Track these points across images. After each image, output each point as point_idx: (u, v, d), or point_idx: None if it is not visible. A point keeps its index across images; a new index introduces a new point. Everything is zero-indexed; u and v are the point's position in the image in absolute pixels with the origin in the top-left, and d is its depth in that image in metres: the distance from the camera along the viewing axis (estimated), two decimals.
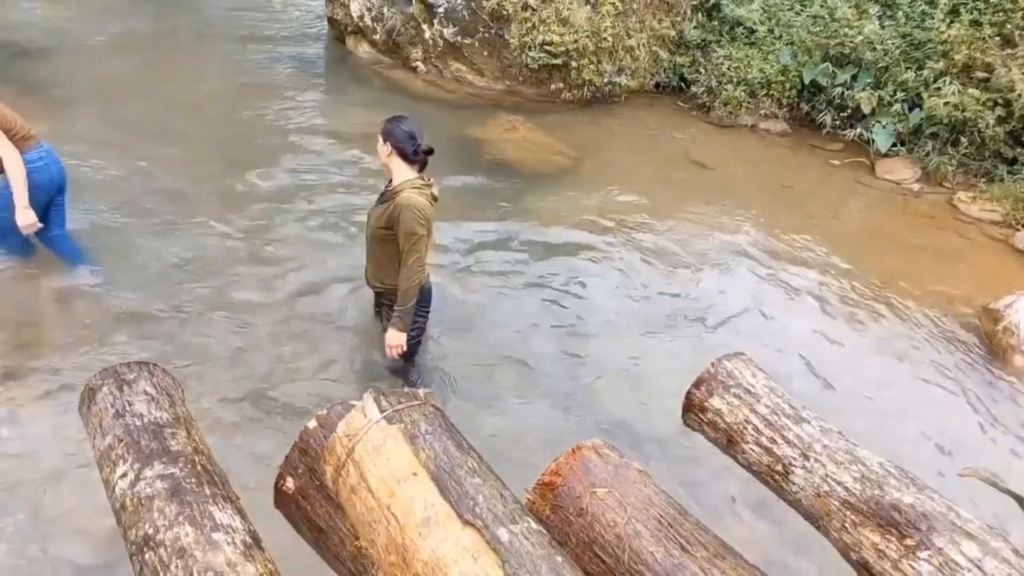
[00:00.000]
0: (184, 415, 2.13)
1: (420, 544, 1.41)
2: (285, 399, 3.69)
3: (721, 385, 2.39)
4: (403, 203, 3.23)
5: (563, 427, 3.67)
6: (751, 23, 7.92)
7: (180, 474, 1.79)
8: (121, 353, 3.76)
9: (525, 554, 1.35)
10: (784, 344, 4.45)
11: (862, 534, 1.69)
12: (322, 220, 5.24)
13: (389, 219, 3.29)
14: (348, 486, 1.61)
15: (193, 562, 1.54)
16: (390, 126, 3.34)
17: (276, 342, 4.04)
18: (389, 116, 3.41)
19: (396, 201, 3.25)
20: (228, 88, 7.44)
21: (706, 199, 6.15)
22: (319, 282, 4.54)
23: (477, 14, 7.60)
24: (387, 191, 3.39)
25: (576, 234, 5.45)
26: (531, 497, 1.89)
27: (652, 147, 7.18)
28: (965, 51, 6.71)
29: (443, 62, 8.03)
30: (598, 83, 7.68)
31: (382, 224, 3.34)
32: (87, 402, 2.18)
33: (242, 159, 5.96)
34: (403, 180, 3.31)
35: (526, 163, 6.51)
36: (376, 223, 3.39)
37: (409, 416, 1.63)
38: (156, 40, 8.44)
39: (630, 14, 7.84)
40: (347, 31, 8.84)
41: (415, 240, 3.25)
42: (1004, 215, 6.27)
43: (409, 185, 3.29)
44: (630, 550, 1.66)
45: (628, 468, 1.88)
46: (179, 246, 4.70)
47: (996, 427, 4.07)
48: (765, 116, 7.67)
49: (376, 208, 3.42)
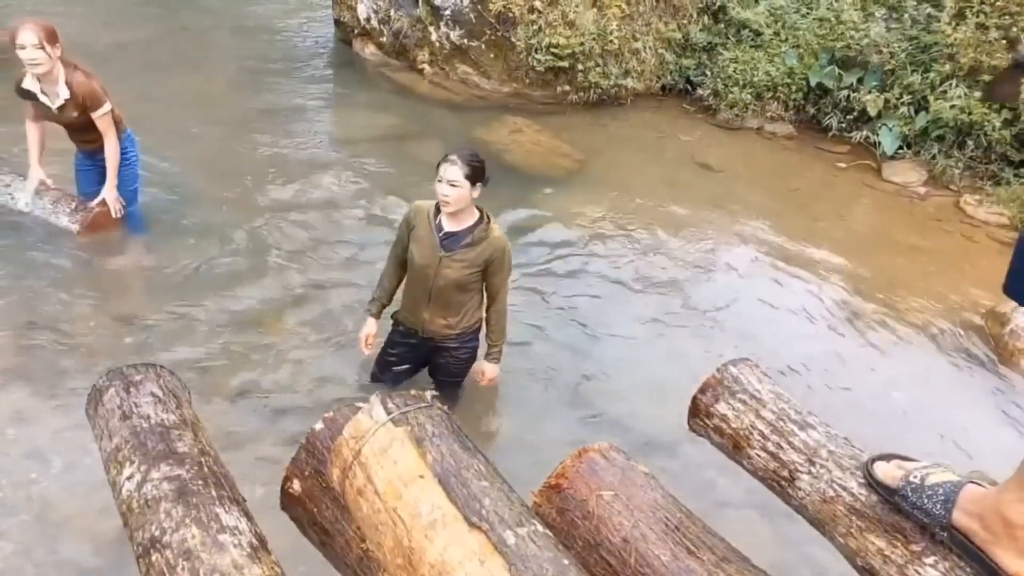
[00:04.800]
0: (191, 417, 2.13)
1: (427, 547, 1.41)
2: (291, 401, 3.70)
3: (727, 390, 2.38)
4: (504, 243, 3.18)
5: (569, 429, 3.67)
6: (757, 25, 7.92)
7: (187, 476, 1.80)
8: (128, 355, 3.77)
9: (532, 557, 1.35)
10: (790, 348, 4.44)
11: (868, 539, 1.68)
12: (329, 225, 5.24)
13: (485, 262, 3.14)
14: (354, 488, 1.61)
15: (199, 564, 1.54)
16: (475, 165, 3.00)
17: (283, 345, 4.04)
18: (456, 154, 3.01)
19: (493, 242, 3.13)
20: (234, 90, 7.46)
21: (712, 201, 6.15)
22: (326, 286, 4.55)
23: (483, 16, 7.60)
24: (465, 233, 3.13)
25: (582, 236, 5.45)
26: (537, 500, 1.88)
27: (658, 149, 7.18)
28: (971, 54, 6.70)
29: (449, 64, 8.04)
30: (604, 85, 7.68)
31: (475, 268, 3.15)
32: (94, 403, 2.19)
33: (248, 162, 5.98)
34: (478, 217, 3.16)
35: (532, 165, 6.51)
36: (465, 269, 3.15)
37: (415, 418, 1.63)
38: (161, 43, 8.47)
39: (636, 17, 7.84)
40: (354, 33, 8.86)
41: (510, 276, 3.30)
42: (1011, 218, 6.26)
43: (493, 222, 3.19)
44: (636, 553, 1.66)
45: (634, 471, 1.88)
46: (183, 249, 4.71)
47: (1004, 431, 4.05)
48: (771, 118, 7.66)
49: (456, 254, 3.13)
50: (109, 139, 4.23)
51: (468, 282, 3.20)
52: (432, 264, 3.16)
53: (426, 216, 3.20)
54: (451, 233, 3.15)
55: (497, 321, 3.34)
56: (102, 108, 4.13)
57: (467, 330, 3.36)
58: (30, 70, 3.94)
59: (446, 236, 3.15)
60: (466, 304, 3.29)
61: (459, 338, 3.38)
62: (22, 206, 4.52)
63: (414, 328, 3.39)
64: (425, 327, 3.34)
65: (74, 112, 4.11)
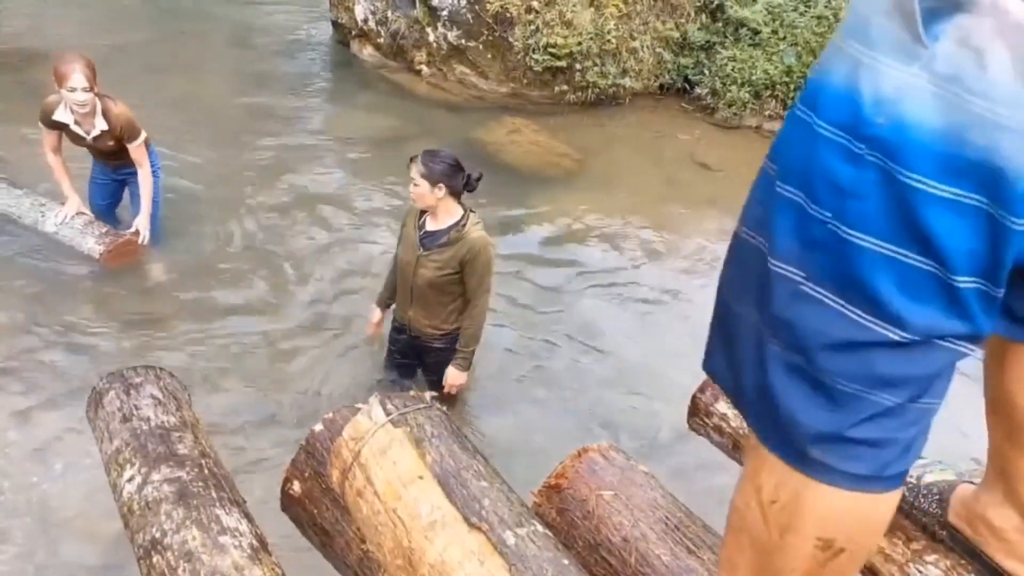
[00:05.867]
0: (191, 419, 2.14)
1: (426, 547, 1.41)
2: (291, 403, 3.70)
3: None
4: (481, 244, 3.10)
5: (568, 429, 3.67)
6: (755, 24, 7.91)
7: (187, 478, 1.80)
8: (128, 356, 3.78)
9: (531, 557, 1.36)
10: None
11: None
12: (328, 226, 5.25)
13: (460, 263, 3.11)
14: (354, 489, 1.61)
15: (200, 565, 1.55)
16: (433, 165, 3.02)
17: (282, 347, 4.05)
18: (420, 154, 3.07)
19: (468, 243, 3.08)
20: (232, 92, 7.46)
21: (711, 200, 6.15)
22: (324, 288, 4.56)
23: (481, 17, 7.60)
24: (443, 232, 3.14)
25: (580, 236, 5.45)
26: (537, 500, 1.89)
27: (656, 149, 7.17)
28: None
29: (447, 65, 8.04)
30: (602, 85, 7.68)
31: (449, 269, 3.13)
32: (94, 406, 2.19)
33: (246, 164, 5.98)
34: (459, 218, 3.14)
35: (530, 165, 6.51)
36: (439, 269, 3.14)
37: (415, 419, 1.63)
38: (160, 44, 8.47)
39: (634, 16, 7.84)
40: (351, 35, 8.86)
41: (489, 279, 3.19)
42: None
43: (472, 222, 3.14)
44: (637, 552, 1.66)
45: (634, 471, 1.88)
46: (184, 251, 4.71)
47: None
48: (770, 117, 7.66)
49: (432, 253, 3.14)
50: (144, 168, 4.19)
51: (444, 283, 3.17)
52: (411, 262, 3.21)
53: (415, 214, 3.24)
54: (431, 232, 3.16)
55: (469, 326, 3.26)
56: (139, 139, 4.10)
57: (455, 332, 3.32)
58: (77, 110, 3.89)
59: (426, 235, 3.17)
60: (448, 306, 3.26)
61: (445, 339, 3.35)
62: (50, 227, 4.38)
63: (404, 325, 3.42)
64: (411, 325, 3.37)
65: (110, 141, 4.09)
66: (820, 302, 0.86)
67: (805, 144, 0.86)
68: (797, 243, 0.87)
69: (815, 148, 0.84)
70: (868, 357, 0.85)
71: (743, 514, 1.04)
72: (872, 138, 0.79)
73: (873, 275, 0.81)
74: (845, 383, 0.87)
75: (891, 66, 0.78)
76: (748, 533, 1.04)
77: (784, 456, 0.94)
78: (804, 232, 0.86)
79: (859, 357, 0.85)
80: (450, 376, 3.33)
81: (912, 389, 0.89)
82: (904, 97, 0.77)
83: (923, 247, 0.79)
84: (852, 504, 0.94)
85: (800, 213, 0.87)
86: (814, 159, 0.85)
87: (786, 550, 0.99)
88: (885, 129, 0.78)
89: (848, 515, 0.95)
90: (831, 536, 0.96)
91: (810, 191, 0.85)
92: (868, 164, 0.80)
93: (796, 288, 0.88)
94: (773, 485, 0.97)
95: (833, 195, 0.83)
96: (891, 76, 0.78)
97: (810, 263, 0.86)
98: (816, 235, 0.85)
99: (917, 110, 0.76)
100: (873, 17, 0.81)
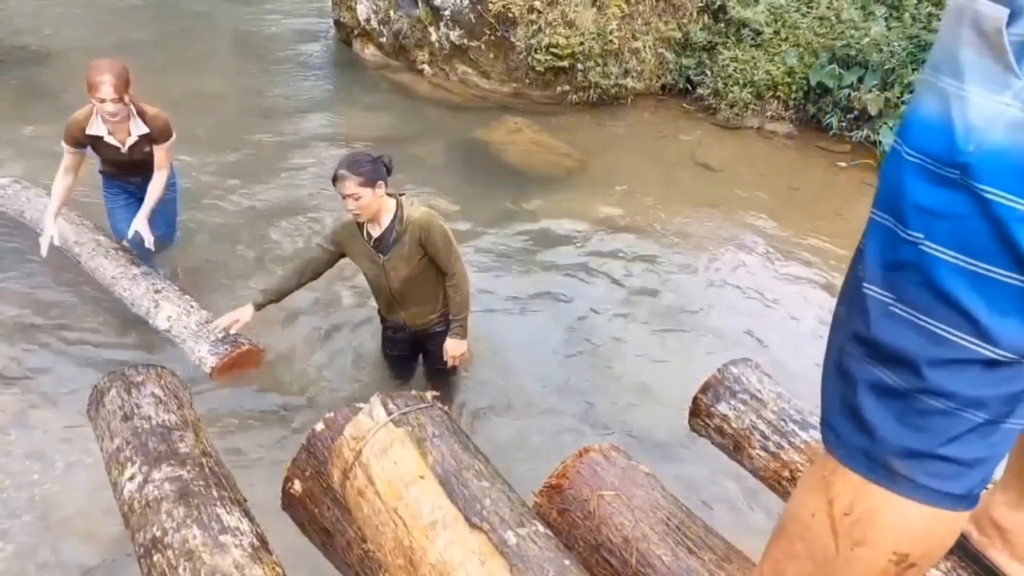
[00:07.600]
0: (192, 418, 2.14)
1: (427, 547, 1.41)
2: (292, 401, 3.70)
3: (728, 391, 2.39)
4: (428, 218, 3.09)
5: (570, 430, 3.67)
6: (757, 25, 7.91)
7: (188, 476, 1.80)
8: (129, 356, 3.78)
9: (532, 557, 1.36)
10: (791, 348, 4.43)
11: None
12: (329, 226, 5.25)
13: (420, 246, 3.10)
14: (355, 489, 1.61)
15: (201, 564, 1.55)
16: (363, 169, 2.96)
17: (283, 346, 4.05)
18: (341, 169, 2.99)
19: (417, 225, 3.07)
20: (235, 91, 7.47)
21: (712, 201, 6.15)
22: (325, 288, 4.55)
23: (483, 16, 7.60)
24: (390, 230, 3.12)
25: (582, 236, 5.45)
26: (538, 500, 1.89)
27: (658, 149, 7.17)
28: None
29: (449, 64, 8.04)
30: (604, 85, 7.68)
31: (416, 257, 3.13)
32: (95, 405, 2.20)
33: (248, 164, 5.98)
34: (395, 209, 3.12)
35: (532, 165, 6.51)
36: (407, 263, 3.14)
37: (416, 419, 1.63)
38: (162, 44, 8.47)
39: (636, 16, 7.84)
40: (354, 34, 8.86)
41: (455, 245, 3.17)
42: None
43: (407, 206, 3.13)
44: (637, 553, 1.66)
45: (635, 471, 1.88)
46: (185, 251, 4.71)
47: None
48: (771, 118, 7.66)
49: (393, 254, 3.13)
50: (163, 171, 4.05)
51: (419, 271, 3.17)
52: (380, 273, 3.20)
53: (353, 233, 3.20)
54: (380, 237, 3.14)
55: (455, 295, 3.24)
56: (171, 140, 4.03)
57: (445, 312, 3.35)
58: (109, 119, 3.79)
59: (377, 242, 3.15)
60: (434, 289, 3.28)
61: (444, 320, 3.37)
62: (162, 321, 3.89)
63: (403, 325, 3.43)
64: (407, 323, 3.39)
65: (145, 147, 3.97)
66: (910, 322, 0.90)
67: (894, 171, 0.92)
68: (886, 265, 0.92)
69: (901, 173, 0.90)
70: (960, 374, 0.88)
71: (807, 524, 1.05)
72: (964, 165, 0.83)
73: (963, 292, 0.85)
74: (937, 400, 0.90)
75: (981, 95, 0.82)
76: (809, 543, 1.06)
77: (865, 471, 0.97)
78: (894, 254, 0.91)
79: (951, 374, 0.88)
80: (450, 347, 3.34)
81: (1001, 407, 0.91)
82: (995, 125, 0.81)
83: (1013, 263, 0.82)
84: (933, 520, 0.96)
85: (890, 236, 0.91)
86: (902, 184, 0.90)
87: (853, 563, 1.01)
88: (975, 156, 0.82)
89: (928, 531, 0.98)
90: (907, 551, 0.99)
91: (899, 215, 0.90)
92: (959, 187, 0.84)
93: (886, 309, 0.92)
94: (848, 499, 1.00)
95: (922, 216, 0.87)
96: (982, 106, 0.82)
97: (898, 284, 0.91)
98: (905, 256, 0.89)
99: (1009, 135, 0.80)
100: (960, 50, 0.84)
